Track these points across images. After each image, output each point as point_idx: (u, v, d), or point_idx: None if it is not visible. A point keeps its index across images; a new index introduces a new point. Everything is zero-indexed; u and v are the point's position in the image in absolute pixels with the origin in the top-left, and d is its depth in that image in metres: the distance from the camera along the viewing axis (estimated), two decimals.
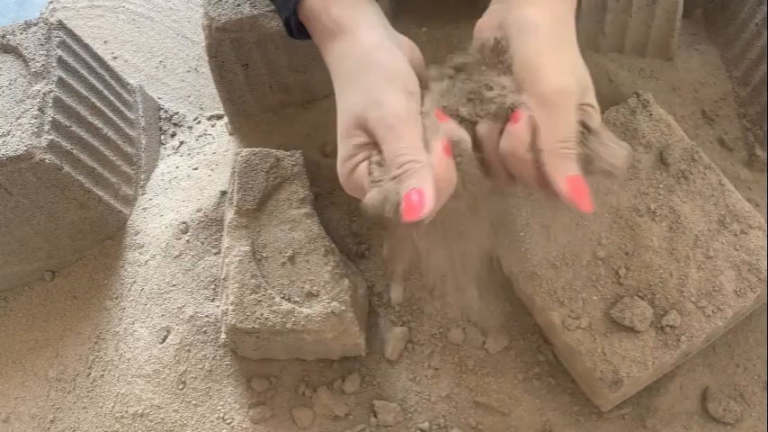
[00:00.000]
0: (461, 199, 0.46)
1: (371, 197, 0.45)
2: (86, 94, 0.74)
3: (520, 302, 0.69)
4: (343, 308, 0.63)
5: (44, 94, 0.68)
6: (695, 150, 0.69)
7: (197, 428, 0.67)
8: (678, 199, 0.67)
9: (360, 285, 0.69)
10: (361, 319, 0.67)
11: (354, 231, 0.75)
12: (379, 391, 0.68)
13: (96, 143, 0.74)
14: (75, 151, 0.70)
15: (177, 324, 0.71)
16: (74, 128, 0.70)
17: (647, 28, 0.80)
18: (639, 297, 0.63)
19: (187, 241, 0.76)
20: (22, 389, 0.73)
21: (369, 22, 0.51)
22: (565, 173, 0.44)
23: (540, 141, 0.44)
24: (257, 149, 0.71)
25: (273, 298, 0.63)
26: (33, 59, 0.70)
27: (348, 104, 0.49)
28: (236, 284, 0.64)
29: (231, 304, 0.63)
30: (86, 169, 0.72)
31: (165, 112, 0.92)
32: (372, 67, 0.48)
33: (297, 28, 0.56)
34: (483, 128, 0.46)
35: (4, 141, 0.65)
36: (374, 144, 0.47)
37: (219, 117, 0.89)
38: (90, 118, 0.74)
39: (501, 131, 0.46)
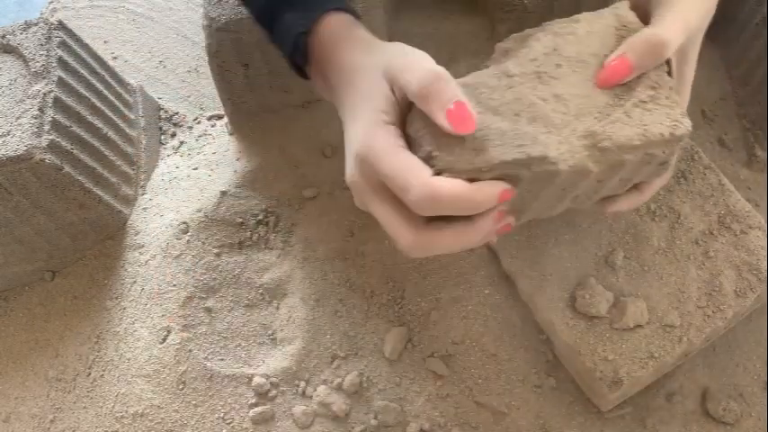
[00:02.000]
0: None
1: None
2: (86, 94, 0.74)
3: (520, 302, 0.69)
4: None
5: (44, 94, 0.68)
6: (695, 150, 0.69)
7: (197, 428, 0.67)
8: (678, 199, 0.67)
9: None
10: None
11: (354, 232, 0.75)
12: (379, 391, 0.68)
13: (96, 143, 0.74)
14: (75, 151, 0.70)
15: (177, 324, 0.71)
16: (74, 128, 0.70)
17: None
18: (639, 297, 0.63)
19: (187, 241, 0.76)
20: (22, 389, 0.73)
21: (368, 54, 0.50)
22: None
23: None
24: None
25: None
26: (33, 59, 0.70)
27: (351, 145, 0.46)
28: None
29: None
30: (86, 169, 0.72)
31: (165, 112, 0.92)
32: (365, 108, 0.46)
33: (301, 56, 0.54)
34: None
35: (4, 141, 0.65)
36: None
37: (219, 117, 0.89)
38: (90, 118, 0.74)
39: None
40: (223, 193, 0.78)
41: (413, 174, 0.41)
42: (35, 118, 0.66)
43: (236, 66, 0.76)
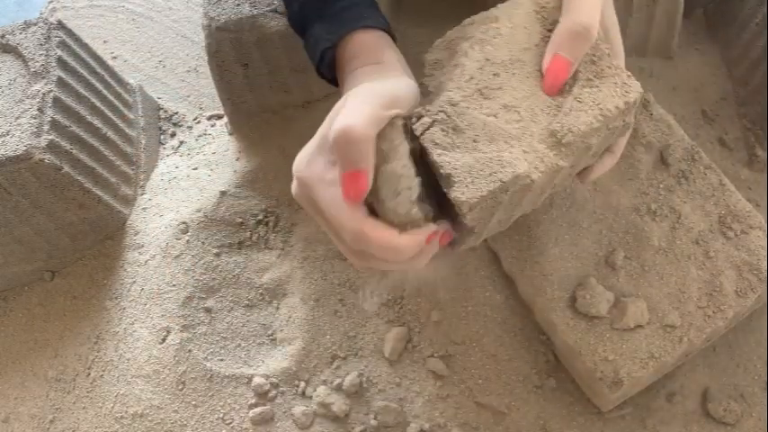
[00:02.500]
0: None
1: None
2: (86, 93, 0.74)
3: (520, 302, 0.69)
4: None
5: (43, 94, 0.68)
6: (695, 150, 0.69)
7: (197, 429, 0.67)
8: (678, 199, 0.67)
9: None
10: None
11: None
12: (378, 392, 0.68)
13: (96, 143, 0.74)
14: (74, 151, 0.70)
15: (177, 324, 0.71)
16: (73, 128, 0.70)
17: (647, 27, 0.80)
18: (640, 297, 0.63)
19: (187, 241, 0.75)
20: (21, 389, 0.73)
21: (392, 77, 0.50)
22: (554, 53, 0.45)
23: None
24: None
25: None
26: (33, 59, 0.70)
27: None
28: None
29: None
30: (86, 169, 0.72)
31: (165, 111, 0.92)
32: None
33: (329, 68, 0.54)
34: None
35: (3, 141, 0.65)
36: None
37: (219, 117, 0.89)
38: (89, 118, 0.73)
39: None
40: (223, 193, 0.78)
41: (345, 214, 0.42)
42: (34, 118, 0.66)
43: (235, 65, 0.76)
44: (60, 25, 0.74)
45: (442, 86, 0.45)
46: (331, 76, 0.54)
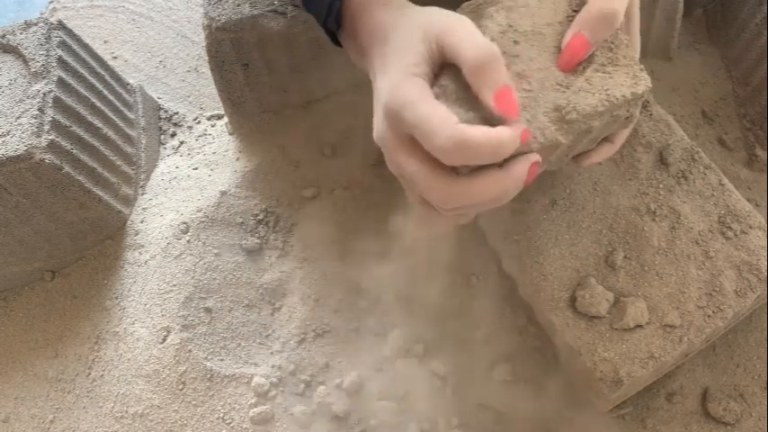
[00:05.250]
0: None
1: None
2: (86, 93, 0.74)
3: (521, 302, 0.69)
4: None
5: (44, 94, 0.68)
6: (695, 150, 0.68)
7: (197, 429, 0.67)
8: (678, 199, 0.67)
9: None
10: None
11: (354, 232, 0.75)
12: (379, 391, 0.68)
13: (96, 143, 0.74)
14: (75, 151, 0.70)
15: (177, 324, 0.71)
16: (74, 128, 0.70)
17: (647, 28, 0.80)
18: (640, 297, 0.63)
19: (187, 241, 0.76)
20: (21, 389, 0.73)
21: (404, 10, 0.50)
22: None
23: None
24: None
25: None
26: (33, 59, 0.70)
27: (380, 98, 0.45)
28: None
29: None
30: (86, 169, 0.72)
31: (165, 111, 0.92)
32: (392, 61, 0.46)
33: (336, 20, 0.53)
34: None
35: (3, 141, 0.65)
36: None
37: (219, 117, 0.89)
38: (90, 118, 0.74)
39: None
40: (223, 193, 0.78)
41: (439, 119, 0.41)
42: (35, 118, 0.66)
43: (235, 65, 0.76)
44: (61, 25, 0.74)
45: None
46: (337, 27, 0.54)
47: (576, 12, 0.47)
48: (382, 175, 0.77)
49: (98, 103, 0.76)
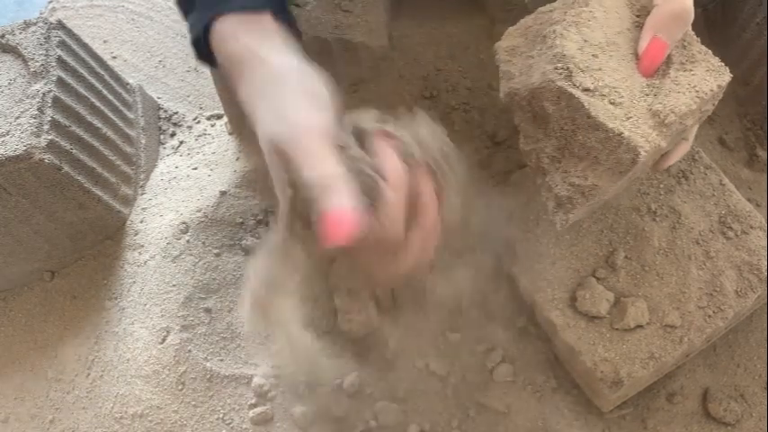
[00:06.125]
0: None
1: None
2: (86, 93, 0.74)
3: (521, 302, 0.69)
4: None
5: (43, 93, 0.68)
6: (696, 150, 0.68)
7: (196, 429, 0.67)
8: (679, 199, 0.67)
9: None
10: None
11: None
12: (379, 392, 0.68)
13: (96, 143, 0.74)
14: (74, 151, 0.70)
15: (177, 324, 0.71)
16: (73, 128, 0.70)
17: None
18: (640, 297, 0.63)
19: (187, 241, 0.75)
20: (21, 389, 0.73)
21: (281, 50, 0.49)
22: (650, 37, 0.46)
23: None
24: None
25: None
26: (33, 59, 0.70)
27: (262, 127, 0.44)
28: None
29: None
30: (86, 169, 0.72)
31: (165, 111, 0.92)
32: (285, 82, 0.45)
33: (206, 51, 0.52)
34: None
35: (3, 141, 0.65)
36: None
37: (219, 117, 0.89)
38: (89, 118, 0.73)
39: None
40: (223, 193, 0.78)
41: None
42: (34, 118, 0.66)
43: None
44: (60, 25, 0.74)
45: (535, 66, 0.46)
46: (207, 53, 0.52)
47: (640, 17, 0.47)
48: None
49: (97, 103, 0.76)
